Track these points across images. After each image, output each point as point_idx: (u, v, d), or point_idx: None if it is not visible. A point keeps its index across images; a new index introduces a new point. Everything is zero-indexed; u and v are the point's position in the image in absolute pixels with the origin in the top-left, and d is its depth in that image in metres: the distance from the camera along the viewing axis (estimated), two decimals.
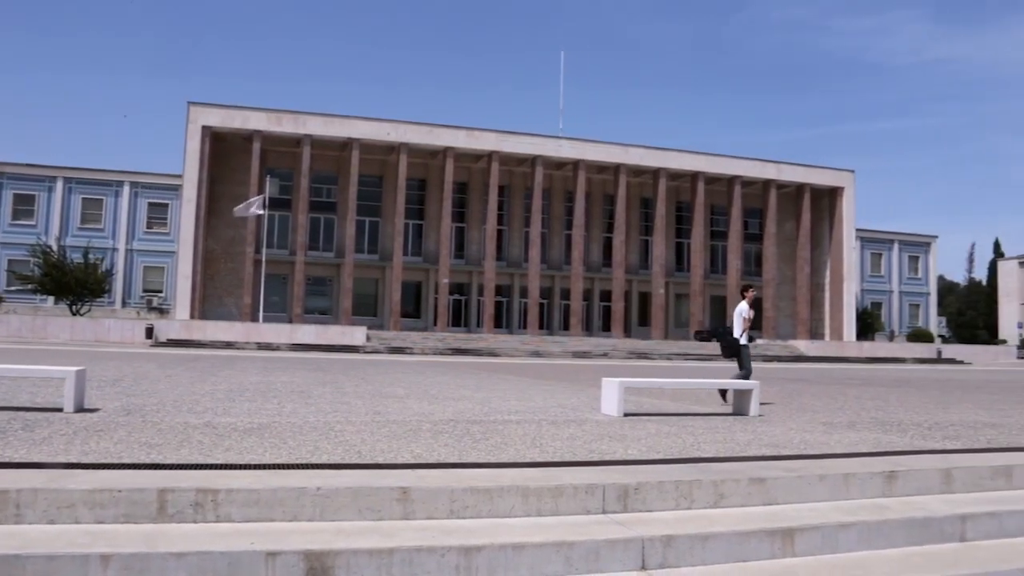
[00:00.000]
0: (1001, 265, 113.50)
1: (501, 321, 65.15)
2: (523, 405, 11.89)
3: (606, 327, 66.43)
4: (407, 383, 16.66)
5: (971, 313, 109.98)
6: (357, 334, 50.54)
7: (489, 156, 61.27)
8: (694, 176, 66.30)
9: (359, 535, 4.72)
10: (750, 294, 13.41)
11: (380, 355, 42.30)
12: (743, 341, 13.00)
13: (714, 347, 58.14)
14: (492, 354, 47.69)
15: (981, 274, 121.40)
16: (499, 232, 64.51)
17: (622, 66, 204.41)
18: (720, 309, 69.07)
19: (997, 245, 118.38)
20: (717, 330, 63.93)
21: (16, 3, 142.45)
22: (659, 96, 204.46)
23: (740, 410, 11.14)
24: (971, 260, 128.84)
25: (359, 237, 61.89)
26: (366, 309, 62.04)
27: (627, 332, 65.82)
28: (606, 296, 67.10)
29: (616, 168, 64.41)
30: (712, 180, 67.65)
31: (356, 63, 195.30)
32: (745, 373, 13.06)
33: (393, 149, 60.22)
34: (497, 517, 5.22)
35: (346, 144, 59.01)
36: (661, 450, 7.26)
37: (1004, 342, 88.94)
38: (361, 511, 5.03)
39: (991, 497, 6.47)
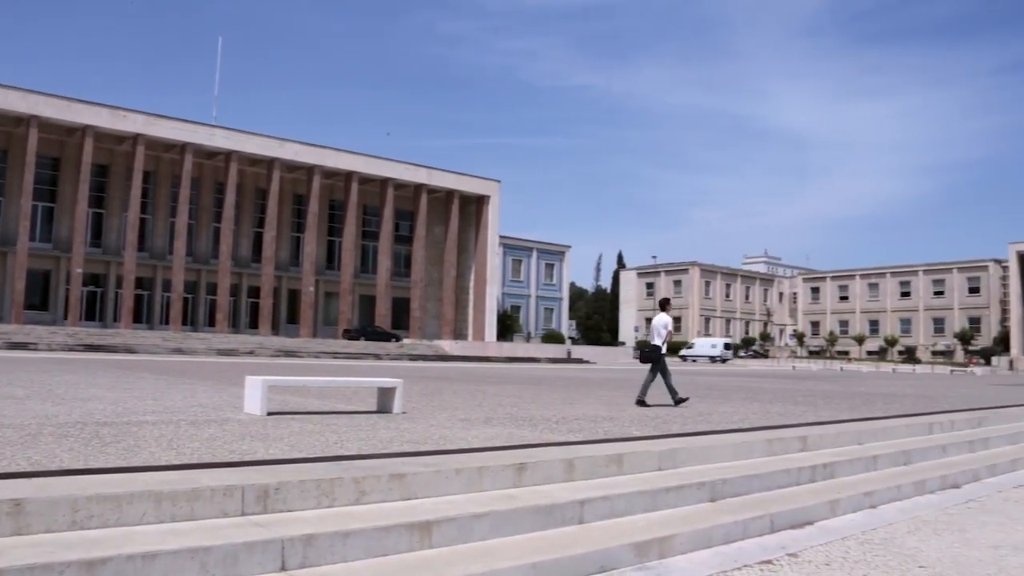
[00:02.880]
0: (623, 275, 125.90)
1: (141, 316, 61.23)
2: (160, 405, 11.26)
3: (254, 324, 64.69)
4: (28, 382, 15.13)
5: (597, 317, 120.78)
6: None
7: (135, 139, 57.31)
8: (348, 175, 66.59)
9: None
10: (671, 307, 14.83)
11: None
12: (664, 350, 13.88)
13: (362, 345, 58.73)
14: (129, 351, 44.59)
15: (607, 282, 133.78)
16: (142, 221, 60.50)
17: (283, 59, 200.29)
18: (369, 308, 69.95)
19: (620, 257, 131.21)
20: (365, 328, 64.75)
21: None
22: (320, 93, 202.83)
23: (384, 408, 11.35)
24: (598, 269, 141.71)
25: None
26: None
27: (275, 330, 64.65)
28: (254, 292, 65.32)
29: (271, 162, 63.04)
30: (366, 180, 68.31)
31: None
32: (654, 376, 14.05)
33: (22, 121, 54.17)
34: (127, 525, 4.89)
35: None
36: (304, 449, 7.22)
37: (623, 344, 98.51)
38: None
39: (605, 483, 7.14)
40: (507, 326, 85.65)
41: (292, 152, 63.80)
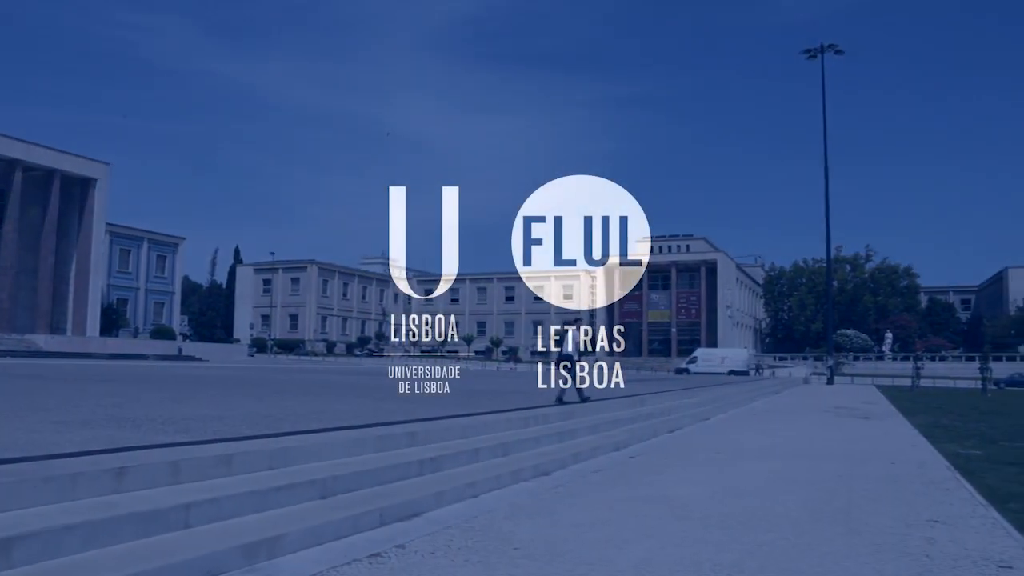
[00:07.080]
0: (240, 271, 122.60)
1: None
2: None
3: None
4: None
5: (211, 313, 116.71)
6: None
7: None
8: None
9: None
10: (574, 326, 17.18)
11: None
12: (576, 355, 16.66)
13: None
14: None
15: (223, 278, 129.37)
16: None
17: None
18: None
19: (237, 252, 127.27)
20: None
21: None
22: None
23: None
24: (214, 264, 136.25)
25: None
26: None
27: None
28: None
29: None
30: None
31: None
32: (572, 376, 16.67)
33: None
34: None
35: None
36: None
37: (238, 341, 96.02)
38: None
39: (213, 484, 6.94)
40: (113, 320, 79.76)
41: None
